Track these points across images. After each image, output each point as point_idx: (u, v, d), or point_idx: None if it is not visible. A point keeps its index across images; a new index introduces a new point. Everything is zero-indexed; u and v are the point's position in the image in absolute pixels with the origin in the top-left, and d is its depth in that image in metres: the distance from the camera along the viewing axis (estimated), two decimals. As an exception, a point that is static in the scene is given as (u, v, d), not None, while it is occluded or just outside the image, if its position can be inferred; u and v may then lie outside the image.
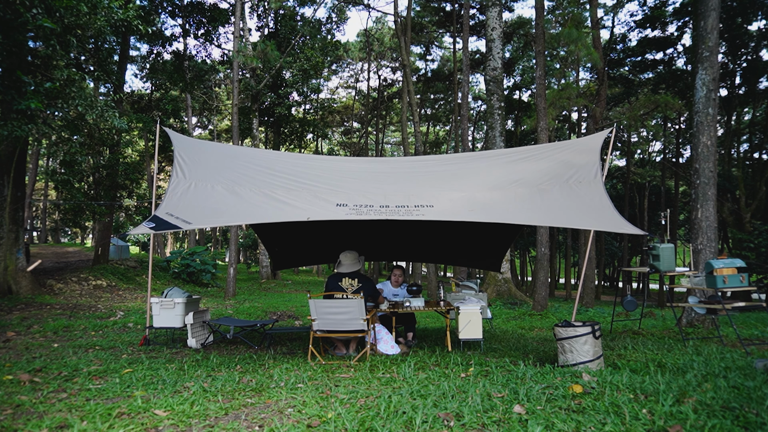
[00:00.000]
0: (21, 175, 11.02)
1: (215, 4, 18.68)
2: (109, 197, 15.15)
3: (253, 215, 5.39)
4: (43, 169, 32.96)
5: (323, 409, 3.10)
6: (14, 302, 9.66)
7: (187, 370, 4.43)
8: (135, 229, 4.86)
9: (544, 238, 11.15)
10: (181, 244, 41.44)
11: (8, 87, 8.19)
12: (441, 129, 39.39)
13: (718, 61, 7.82)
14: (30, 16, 7.93)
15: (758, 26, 23.08)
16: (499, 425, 2.71)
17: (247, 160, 6.36)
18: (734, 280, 5.69)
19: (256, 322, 6.74)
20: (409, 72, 17.31)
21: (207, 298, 13.88)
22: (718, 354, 4.90)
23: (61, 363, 4.64)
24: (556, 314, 10.53)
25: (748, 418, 2.64)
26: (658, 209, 30.21)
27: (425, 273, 22.74)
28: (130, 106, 19.46)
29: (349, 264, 5.67)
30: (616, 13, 25.41)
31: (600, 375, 3.73)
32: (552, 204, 5.23)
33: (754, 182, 20.08)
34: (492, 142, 14.79)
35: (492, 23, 14.78)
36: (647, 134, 31.01)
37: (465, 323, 5.49)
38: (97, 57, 12.94)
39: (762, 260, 16.43)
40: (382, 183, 5.97)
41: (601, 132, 6.13)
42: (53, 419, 2.91)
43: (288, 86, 22.52)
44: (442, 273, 37.63)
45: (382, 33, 32.37)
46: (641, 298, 8.08)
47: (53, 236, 38.98)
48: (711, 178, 7.56)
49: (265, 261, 22.54)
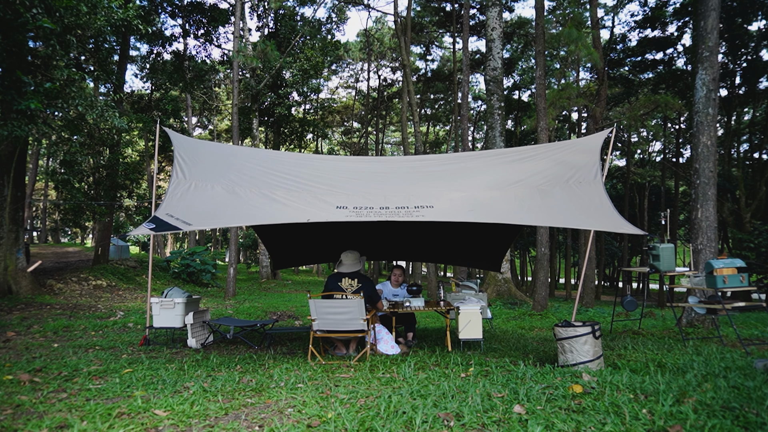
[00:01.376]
0: (21, 175, 11.02)
1: (215, 4, 18.69)
2: (109, 197, 15.15)
3: (253, 216, 5.39)
4: (43, 169, 32.98)
5: (323, 409, 3.10)
6: (14, 302, 9.66)
7: (187, 370, 4.43)
8: (135, 230, 4.86)
9: (544, 238, 11.15)
10: (181, 244, 41.44)
11: (8, 87, 8.19)
12: (441, 129, 39.39)
13: (718, 61, 7.82)
14: (30, 16, 7.93)
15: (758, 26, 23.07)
16: (499, 425, 2.71)
17: (247, 161, 6.35)
18: (734, 280, 5.69)
19: (256, 322, 6.74)
20: (409, 72, 17.31)
21: (207, 298, 13.88)
22: (718, 354, 4.90)
23: (61, 363, 4.63)
24: (556, 314, 10.53)
25: (748, 418, 2.64)
26: (658, 209, 30.21)
27: (425, 273, 22.75)
28: (130, 106, 19.45)
29: (350, 264, 5.66)
30: (617, 13, 25.43)
31: (600, 375, 3.73)
32: (552, 204, 5.23)
33: (754, 182, 20.08)
34: (492, 142, 14.79)
35: (492, 23, 14.79)
36: (647, 134, 31.01)
37: (465, 323, 5.49)
38: (97, 57, 12.94)
39: (762, 260, 16.43)
40: (382, 183, 5.96)
41: (601, 132, 6.13)
42: (53, 419, 2.91)
43: (288, 86, 22.52)
44: (442, 273, 37.63)
45: (382, 33, 32.37)
46: (641, 298, 8.08)
47: (53, 236, 38.98)
48: (711, 178, 7.56)
49: (265, 261, 22.54)
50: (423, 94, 32.89)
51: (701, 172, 7.59)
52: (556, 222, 5.68)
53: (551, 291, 22.98)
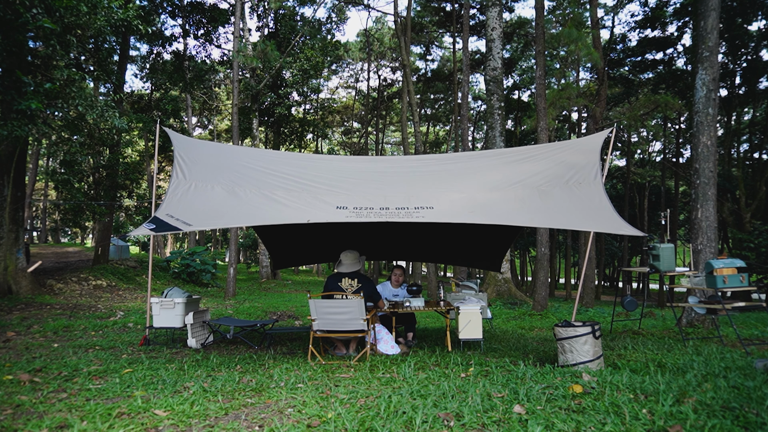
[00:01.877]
0: (21, 175, 11.02)
1: (215, 4, 18.70)
2: (109, 197, 15.15)
3: (253, 217, 5.39)
4: (43, 169, 32.96)
5: (323, 409, 3.10)
6: (14, 302, 9.66)
7: (187, 370, 4.43)
8: (135, 230, 4.87)
9: (544, 238, 11.15)
10: (181, 244, 41.42)
11: (8, 87, 8.19)
12: (441, 129, 39.39)
13: (718, 61, 7.82)
14: (30, 16, 7.93)
15: (758, 26, 23.05)
16: (499, 425, 2.71)
17: (247, 161, 6.35)
18: (734, 280, 5.69)
19: (256, 322, 6.74)
20: (409, 72, 17.31)
21: (207, 298, 13.88)
22: (718, 354, 4.90)
23: (61, 363, 4.64)
24: (556, 314, 10.53)
25: (748, 418, 2.64)
26: (658, 209, 30.21)
27: (425, 273, 22.74)
28: (130, 106, 19.45)
29: (349, 264, 5.66)
30: (617, 13, 25.43)
31: (600, 375, 3.73)
32: (552, 205, 5.23)
33: (754, 182, 20.07)
34: (492, 142, 14.79)
35: (492, 23, 14.79)
36: (647, 134, 31.01)
37: (465, 323, 5.49)
38: (97, 57, 12.94)
39: (762, 260, 16.43)
40: (382, 184, 5.96)
41: (601, 132, 6.13)
42: (53, 419, 2.91)
43: (288, 86, 22.52)
44: (442, 273, 37.63)
45: (382, 33, 32.37)
46: (641, 298, 8.08)
47: (53, 236, 38.96)
48: (711, 178, 7.56)
49: (265, 261, 22.54)
50: (423, 94, 32.88)
51: (701, 172, 7.59)
52: (556, 224, 5.68)
53: (551, 291, 22.98)
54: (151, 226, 4.72)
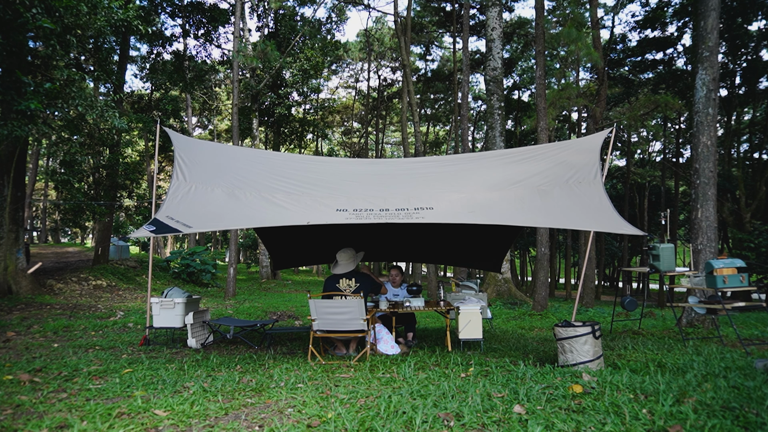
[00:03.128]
0: (21, 175, 11.02)
1: (215, 4, 18.68)
2: (109, 197, 15.15)
3: (252, 219, 5.40)
4: (43, 169, 32.94)
5: (323, 409, 3.10)
6: (14, 302, 9.66)
7: (187, 370, 4.43)
8: (136, 232, 4.88)
9: (544, 238, 11.15)
10: (181, 245, 41.42)
11: (8, 87, 8.19)
12: (441, 129, 39.38)
13: (718, 61, 7.83)
14: (30, 16, 7.93)
15: (758, 26, 23.05)
16: (499, 425, 2.71)
17: (247, 162, 6.36)
18: (734, 280, 5.69)
19: (256, 322, 6.74)
20: (409, 72, 17.30)
21: (207, 298, 13.88)
22: (718, 354, 4.90)
23: (61, 363, 4.64)
24: (556, 314, 10.53)
25: (748, 418, 2.64)
26: (658, 209, 30.21)
27: (425, 273, 22.74)
28: (130, 106, 19.45)
29: (345, 264, 5.62)
30: (617, 13, 25.40)
31: (600, 375, 3.73)
32: (552, 205, 5.23)
33: (754, 182, 20.07)
34: (492, 142, 14.79)
35: (492, 23, 14.79)
36: (647, 134, 31.00)
37: (465, 323, 5.49)
38: (97, 57, 12.94)
39: (762, 260, 16.43)
40: (382, 185, 5.96)
41: (601, 132, 6.13)
42: (53, 419, 2.91)
43: (288, 86, 22.52)
44: (442, 273, 37.64)
45: (382, 33, 32.36)
46: (641, 298, 8.08)
47: (53, 236, 38.96)
48: (711, 178, 7.56)
49: (265, 261, 22.54)
50: (423, 94, 32.88)
51: (701, 172, 7.59)
52: (556, 223, 5.68)
53: (551, 291, 22.98)
54: (151, 228, 4.72)
